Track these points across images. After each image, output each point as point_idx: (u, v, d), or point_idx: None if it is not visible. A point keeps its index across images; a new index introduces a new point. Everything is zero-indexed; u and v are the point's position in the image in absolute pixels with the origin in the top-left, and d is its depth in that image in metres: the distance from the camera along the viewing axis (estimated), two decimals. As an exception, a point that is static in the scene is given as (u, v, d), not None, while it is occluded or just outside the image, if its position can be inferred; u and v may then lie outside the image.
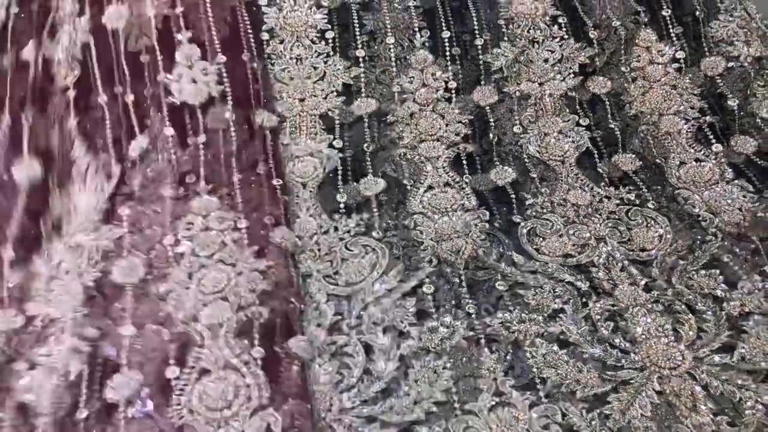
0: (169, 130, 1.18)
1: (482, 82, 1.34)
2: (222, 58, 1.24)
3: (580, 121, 1.27)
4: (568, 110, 1.26)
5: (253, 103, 1.22)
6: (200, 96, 1.20)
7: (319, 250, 1.11)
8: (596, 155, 1.24)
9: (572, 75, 1.29)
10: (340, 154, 1.22)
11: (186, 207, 1.10)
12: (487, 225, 1.16)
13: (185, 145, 1.17)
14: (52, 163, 1.14)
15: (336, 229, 1.14)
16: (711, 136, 1.25)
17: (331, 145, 1.23)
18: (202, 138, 1.17)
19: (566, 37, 1.30)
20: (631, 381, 0.96)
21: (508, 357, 1.00)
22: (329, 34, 1.33)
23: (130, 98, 1.21)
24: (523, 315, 1.04)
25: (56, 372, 0.93)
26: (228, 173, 1.14)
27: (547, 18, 1.32)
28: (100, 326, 0.97)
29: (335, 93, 1.30)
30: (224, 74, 1.22)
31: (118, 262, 1.03)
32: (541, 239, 1.14)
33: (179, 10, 1.24)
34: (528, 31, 1.31)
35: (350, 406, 0.95)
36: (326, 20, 1.34)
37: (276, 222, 1.10)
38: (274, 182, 1.14)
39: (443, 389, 0.95)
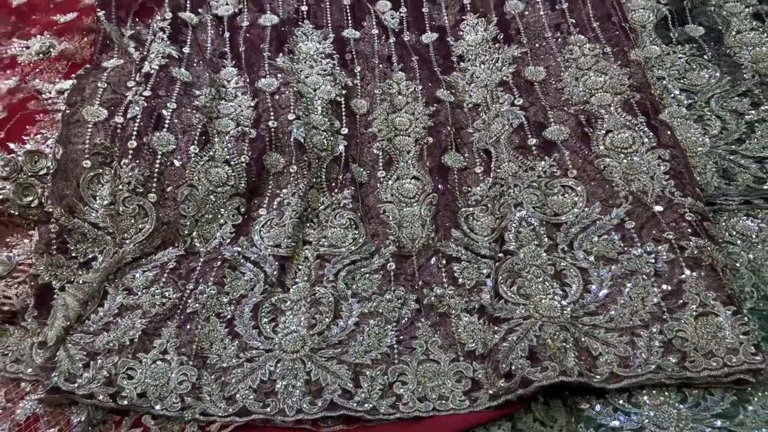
0: (543, -3, 1.52)
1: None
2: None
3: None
4: None
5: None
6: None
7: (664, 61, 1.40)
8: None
9: None
10: (667, 7, 1.50)
11: (565, 41, 1.44)
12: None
13: (554, 9, 1.51)
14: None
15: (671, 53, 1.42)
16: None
17: (657, 2, 1.51)
18: (565, 5, 1.51)
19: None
20: None
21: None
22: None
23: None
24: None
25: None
26: (588, 22, 1.47)
27: None
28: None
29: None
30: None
31: (526, 67, 1.40)
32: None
33: None
34: None
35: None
36: None
37: (630, 47, 1.40)
38: (624, 25, 1.45)
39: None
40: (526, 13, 1.52)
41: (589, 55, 1.40)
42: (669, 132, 1.23)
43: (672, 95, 1.34)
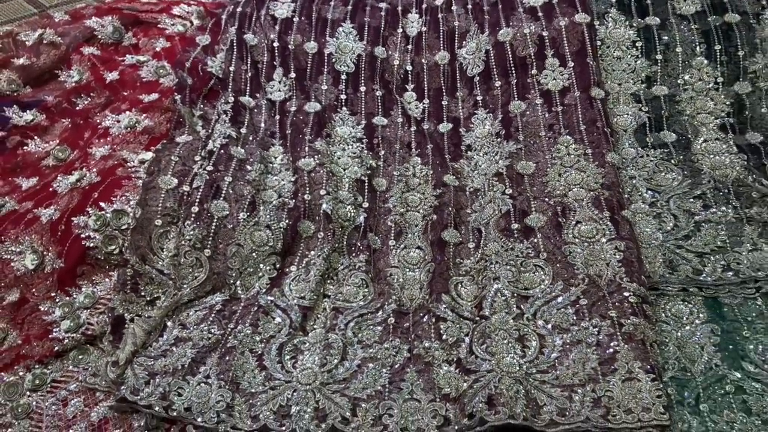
0: (539, 100, 1.83)
1: (740, 80, 1.83)
2: (572, 63, 1.86)
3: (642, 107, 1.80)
4: None
5: (591, 85, 1.82)
6: (557, 85, 1.84)
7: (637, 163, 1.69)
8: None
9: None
10: (647, 114, 1.79)
11: (555, 141, 1.74)
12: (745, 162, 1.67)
13: (551, 111, 1.81)
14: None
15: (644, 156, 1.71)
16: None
17: (640, 110, 1.80)
18: (560, 108, 1.81)
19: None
20: None
21: None
22: (638, 44, 1.91)
23: (514, 81, 1.88)
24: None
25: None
26: (577, 125, 1.77)
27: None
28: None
29: (641, 81, 1.87)
30: (573, 73, 1.85)
31: (519, 161, 1.71)
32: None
33: (548, 33, 1.90)
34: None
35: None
36: (636, 35, 1.91)
37: (608, 150, 1.69)
38: (606, 130, 1.74)
39: None
40: (527, 112, 1.83)
41: (573, 155, 1.70)
42: (628, 226, 1.51)
43: (639, 193, 1.63)
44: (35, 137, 1.96)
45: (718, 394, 1.25)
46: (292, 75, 1.97)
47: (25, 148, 1.95)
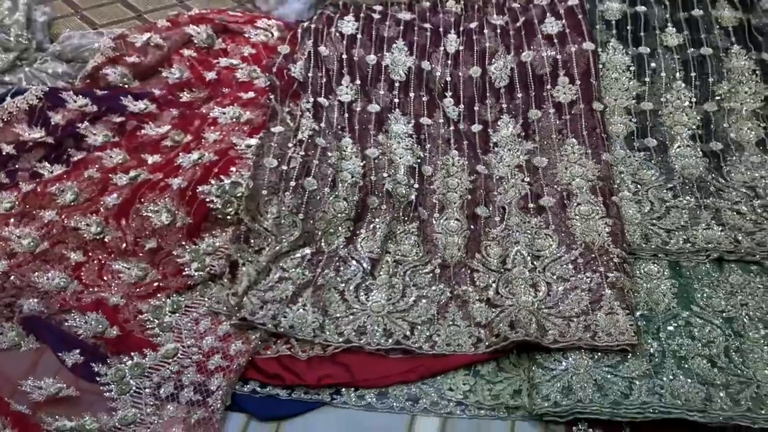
0: (552, 110, 2.32)
1: (709, 100, 2.33)
2: (579, 81, 2.35)
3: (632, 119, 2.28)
4: None
5: (593, 100, 2.31)
6: (567, 99, 2.33)
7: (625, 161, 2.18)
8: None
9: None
10: (635, 124, 2.29)
11: (563, 142, 2.23)
12: (707, 165, 2.16)
13: (561, 118, 2.30)
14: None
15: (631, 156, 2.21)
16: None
17: (630, 120, 2.30)
18: (568, 116, 2.30)
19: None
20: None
21: None
22: (631, 68, 2.40)
23: (533, 94, 2.37)
24: None
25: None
26: (581, 130, 2.25)
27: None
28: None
29: (632, 98, 2.36)
30: (580, 90, 2.33)
31: (535, 157, 2.20)
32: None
33: (560, 57, 2.39)
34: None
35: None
36: (630, 61, 2.41)
37: (603, 150, 2.18)
38: (603, 135, 2.23)
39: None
40: (542, 119, 2.31)
41: (576, 154, 2.18)
42: (616, 209, 2.00)
43: (626, 184, 2.12)
44: (149, 122, 2.44)
45: (673, 326, 1.74)
46: (357, 81, 2.45)
47: (142, 131, 2.42)
